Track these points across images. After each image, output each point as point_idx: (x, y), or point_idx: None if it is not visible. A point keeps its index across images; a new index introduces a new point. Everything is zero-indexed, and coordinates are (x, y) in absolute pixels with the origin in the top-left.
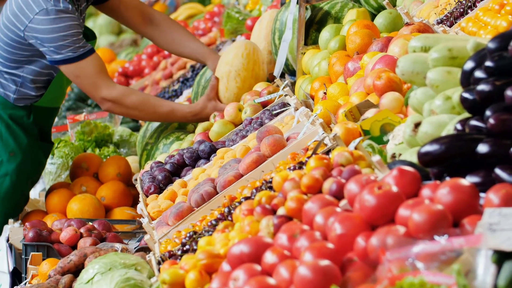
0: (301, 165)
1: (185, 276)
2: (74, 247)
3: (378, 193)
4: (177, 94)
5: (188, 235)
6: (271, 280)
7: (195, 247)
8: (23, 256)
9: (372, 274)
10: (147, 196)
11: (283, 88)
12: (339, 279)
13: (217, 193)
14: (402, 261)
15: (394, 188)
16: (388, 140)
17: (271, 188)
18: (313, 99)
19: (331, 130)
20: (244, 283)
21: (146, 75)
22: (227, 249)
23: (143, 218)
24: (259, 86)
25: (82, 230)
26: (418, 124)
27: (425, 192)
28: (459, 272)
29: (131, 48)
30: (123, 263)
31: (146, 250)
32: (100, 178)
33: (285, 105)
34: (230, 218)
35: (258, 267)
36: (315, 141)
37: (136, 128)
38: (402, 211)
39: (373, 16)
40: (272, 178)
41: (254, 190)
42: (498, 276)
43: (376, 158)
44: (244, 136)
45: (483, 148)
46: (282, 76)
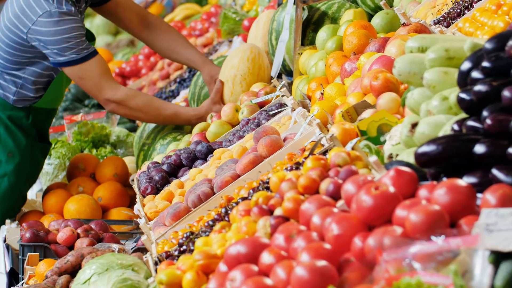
0: (298, 165)
1: (182, 277)
2: (71, 247)
3: (375, 193)
4: (174, 95)
5: (185, 235)
6: (268, 281)
7: (192, 248)
8: (20, 256)
9: (369, 274)
10: (144, 197)
11: (280, 89)
12: (336, 280)
13: (214, 193)
14: (399, 261)
15: (391, 189)
16: (385, 141)
17: (268, 188)
18: (310, 100)
19: (328, 131)
20: (241, 283)
21: (143, 76)
22: (224, 249)
23: (140, 218)
24: (256, 87)
25: (79, 231)
26: (415, 125)
27: (422, 192)
28: (456, 272)
29: (128, 49)
30: (120, 264)
31: (143, 250)
32: (97, 179)
33: (282, 105)
34: (227, 219)
35: (255, 268)
36: (312, 141)
37: (133, 129)
38: (399, 212)
39: (370, 17)
40: (269, 179)
41: (251, 191)
42: (495, 277)
43: (373, 158)
44: (241, 137)
45: (480, 148)
46: (279, 76)
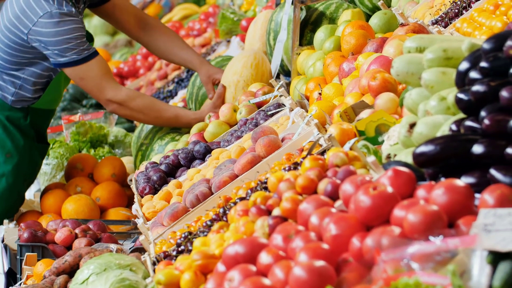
0: (296, 165)
1: (180, 277)
2: (69, 247)
3: (373, 193)
4: (172, 95)
5: (183, 235)
6: (266, 281)
7: (190, 248)
8: (18, 256)
9: (367, 274)
10: (142, 197)
11: (278, 89)
12: (334, 280)
13: (212, 193)
14: (397, 261)
15: (389, 189)
16: (383, 141)
17: (266, 188)
18: (308, 100)
19: (326, 131)
20: (239, 283)
21: (141, 76)
22: (222, 249)
23: (138, 218)
24: (254, 87)
25: (77, 231)
26: (413, 125)
27: (420, 192)
28: (454, 272)
29: (126, 49)
30: (118, 264)
31: (141, 250)
32: (95, 179)
33: (280, 105)
34: (225, 219)
35: (253, 268)
36: (310, 141)
37: (131, 129)
38: (397, 212)
39: (368, 17)
40: (267, 179)
41: (249, 191)
42: (493, 277)
43: (371, 158)
44: (239, 137)
45: (478, 148)
46: (277, 76)
